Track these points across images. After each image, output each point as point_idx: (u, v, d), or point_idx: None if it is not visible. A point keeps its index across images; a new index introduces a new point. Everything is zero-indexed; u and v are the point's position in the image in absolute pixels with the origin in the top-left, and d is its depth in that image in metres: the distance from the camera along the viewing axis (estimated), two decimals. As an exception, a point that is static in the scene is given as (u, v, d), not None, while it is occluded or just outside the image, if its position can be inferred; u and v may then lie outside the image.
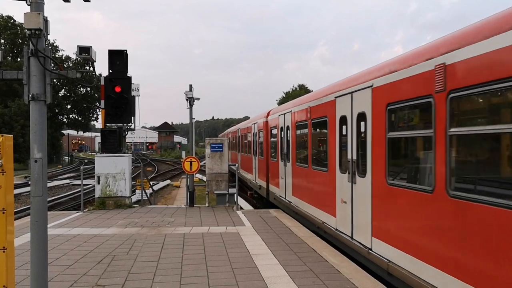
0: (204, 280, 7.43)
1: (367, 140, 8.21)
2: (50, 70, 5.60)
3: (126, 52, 16.21)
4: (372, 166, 7.99)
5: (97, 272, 7.99)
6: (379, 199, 7.74)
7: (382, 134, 7.56)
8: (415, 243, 6.52)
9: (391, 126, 7.36)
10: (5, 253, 4.92)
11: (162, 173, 45.66)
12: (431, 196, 6.08)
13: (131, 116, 16.52)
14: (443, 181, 5.79)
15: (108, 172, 16.10)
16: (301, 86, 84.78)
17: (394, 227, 7.24)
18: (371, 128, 8.05)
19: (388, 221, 7.42)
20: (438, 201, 5.91)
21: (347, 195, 9.16)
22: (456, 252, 5.52)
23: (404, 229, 6.92)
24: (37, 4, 5.43)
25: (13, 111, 53.90)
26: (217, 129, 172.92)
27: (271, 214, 14.39)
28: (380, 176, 7.62)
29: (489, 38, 5.02)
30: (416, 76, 6.54)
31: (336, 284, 7.16)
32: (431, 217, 6.09)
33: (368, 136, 8.14)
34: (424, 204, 6.28)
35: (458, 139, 5.70)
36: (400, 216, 7.05)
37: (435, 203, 5.99)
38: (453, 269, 5.58)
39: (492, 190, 5.20)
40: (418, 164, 6.90)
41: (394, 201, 7.20)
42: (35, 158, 5.48)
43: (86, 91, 68.47)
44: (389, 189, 7.34)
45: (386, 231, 7.46)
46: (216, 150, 17.23)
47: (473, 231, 5.22)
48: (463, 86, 5.44)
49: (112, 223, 13.04)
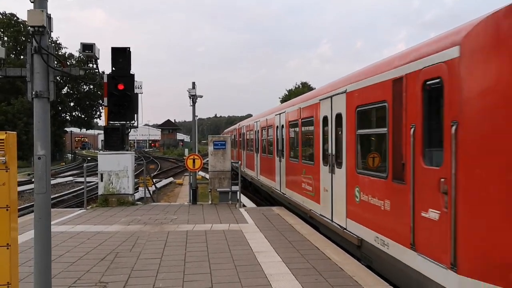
0: (207, 277, 7.44)
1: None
2: (53, 67, 5.60)
3: (129, 50, 16.19)
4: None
5: (100, 269, 8.01)
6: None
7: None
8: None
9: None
10: (9, 250, 4.94)
11: (165, 170, 45.74)
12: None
13: (134, 114, 16.52)
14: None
15: (111, 170, 16.13)
16: (304, 83, 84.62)
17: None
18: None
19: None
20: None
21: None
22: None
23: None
24: (41, 1, 5.41)
25: (16, 109, 54.01)
26: (220, 126, 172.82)
27: (273, 212, 14.39)
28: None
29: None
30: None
31: (339, 281, 7.15)
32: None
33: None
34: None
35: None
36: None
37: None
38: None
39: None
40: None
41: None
42: (39, 155, 5.48)
43: (89, 88, 68.64)
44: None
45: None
46: (219, 147, 17.23)
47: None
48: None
49: (115, 220, 13.07)
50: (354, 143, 8.98)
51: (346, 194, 9.38)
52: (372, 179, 8.09)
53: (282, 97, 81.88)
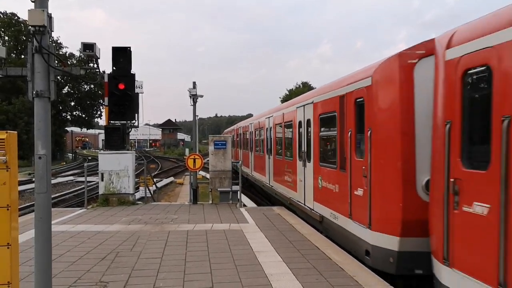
0: (207, 277, 7.44)
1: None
2: (54, 66, 5.59)
3: (129, 49, 16.19)
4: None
5: (101, 268, 8.01)
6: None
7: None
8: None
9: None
10: (10, 249, 4.94)
11: (166, 170, 45.72)
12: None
13: (135, 113, 16.52)
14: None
15: (112, 169, 16.14)
16: (304, 83, 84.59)
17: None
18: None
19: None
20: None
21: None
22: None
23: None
24: (41, 1, 5.41)
25: (17, 108, 54.01)
26: (221, 126, 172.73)
27: (274, 212, 14.40)
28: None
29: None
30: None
31: (340, 281, 7.15)
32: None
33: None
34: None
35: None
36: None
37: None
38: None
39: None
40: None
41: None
42: (39, 154, 5.48)
43: (89, 88, 68.62)
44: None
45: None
46: (220, 147, 17.26)
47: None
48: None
49: (116, 220, 13.07)
50: (318, 142, 11.62)
51: (313, 183, 11.92)
52: (329, 169, 10.72)
53: (283, 96, 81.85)
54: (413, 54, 7.57)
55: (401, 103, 7.50)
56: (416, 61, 7.49)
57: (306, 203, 12.58)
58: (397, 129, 7.51)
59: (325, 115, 11.09)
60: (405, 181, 7.35)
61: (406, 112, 7.46)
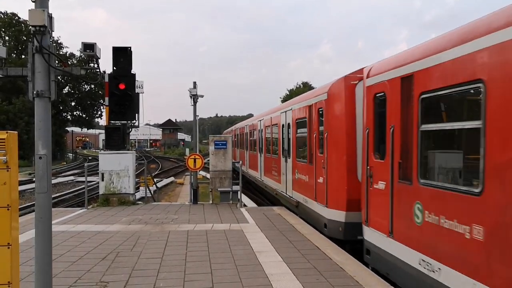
0: (208, 277, 7.44)
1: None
2: (54, 66, 5.59)
3: (130, 49, 16.18)
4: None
5: (101, 268, 8.02)
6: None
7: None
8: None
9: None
10: (10, 249, 4.94)
11: (166, 170, 45.74)
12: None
13: (135, 113, 16.54)
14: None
15: (112, 169, 16.14)
16: (305, 83, 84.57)
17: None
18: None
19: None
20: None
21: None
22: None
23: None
24: (42, 1, 5.41)
25: (17, 108, 54.00)
26: (221, 126, 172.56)
27: (274, 212, 14.40)
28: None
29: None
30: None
31: (340, 281, 7.15)
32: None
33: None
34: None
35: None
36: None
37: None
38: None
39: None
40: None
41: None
42: (40, 154, 5.48)
43: (90, 88, 68.58)
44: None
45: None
46: (220, 147, 17.27)
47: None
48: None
49: (116, 220, 13.07)
50: (295, 142, 14.21)
51: (292, 175, 14.53)
52: (302, 164, 13.31)
53: (283, 97, 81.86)
54: (354, 77, 10.16)
55: (346, 112, 10.18)
56: (356, 82, 10.02)
57: (287, 193, 15.17)
58: (343, 132, 10.21)
59: (299, 120, 13.76)
60: (349, 171, 10.03)
61: (349, 119, 10.11)
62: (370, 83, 8.35)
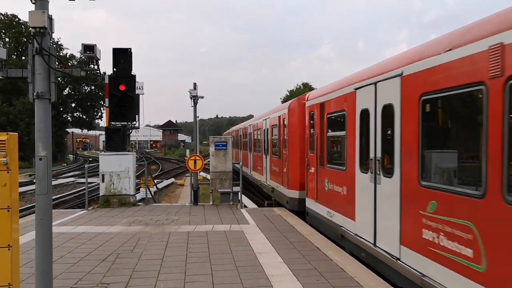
0: (208, 278, 7.43)
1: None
2: (54, 68, 5.60)
3: (130, 51, 16.20)
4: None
5: (102, 270, 8.01)
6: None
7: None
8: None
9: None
10: (10, 250, 4.94)
11: (166, 171, 45.72)
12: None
13: (135, 114, 16.52)
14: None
15: (113, 171, 16.14)
16: (305, 84, 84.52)
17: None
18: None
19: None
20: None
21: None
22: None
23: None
24: (42, 3, 5.42)
25: (17, 110, 53.99)
26: (221, 127, 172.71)
27: (275, 213, 14.39)
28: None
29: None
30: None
31: (341, 282, 7.15)
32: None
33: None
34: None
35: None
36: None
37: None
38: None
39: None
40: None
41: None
42: (40, 156, 5.48)
43: (90, 89, 68.57)
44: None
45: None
46: (220, 148, 17.27)
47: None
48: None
49: (117, 221, 13.07)
50: (271, 142, 18.47)
51: (269, 168, 18.66)
52: (275, 159, 17.52)
53: (283, 97, 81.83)
54: (304, 98, 14.06)
55: (299, 123, 14.58)
56: (305, 102, 13.40)
57: (267, 182, 19.41)
58: (297, 136, 14.63)
59: (273, 126, 18.04)
60: (301, 163, 14.14)
61: (301, 127, 14.20)
62: (308, 104, 13.06)
